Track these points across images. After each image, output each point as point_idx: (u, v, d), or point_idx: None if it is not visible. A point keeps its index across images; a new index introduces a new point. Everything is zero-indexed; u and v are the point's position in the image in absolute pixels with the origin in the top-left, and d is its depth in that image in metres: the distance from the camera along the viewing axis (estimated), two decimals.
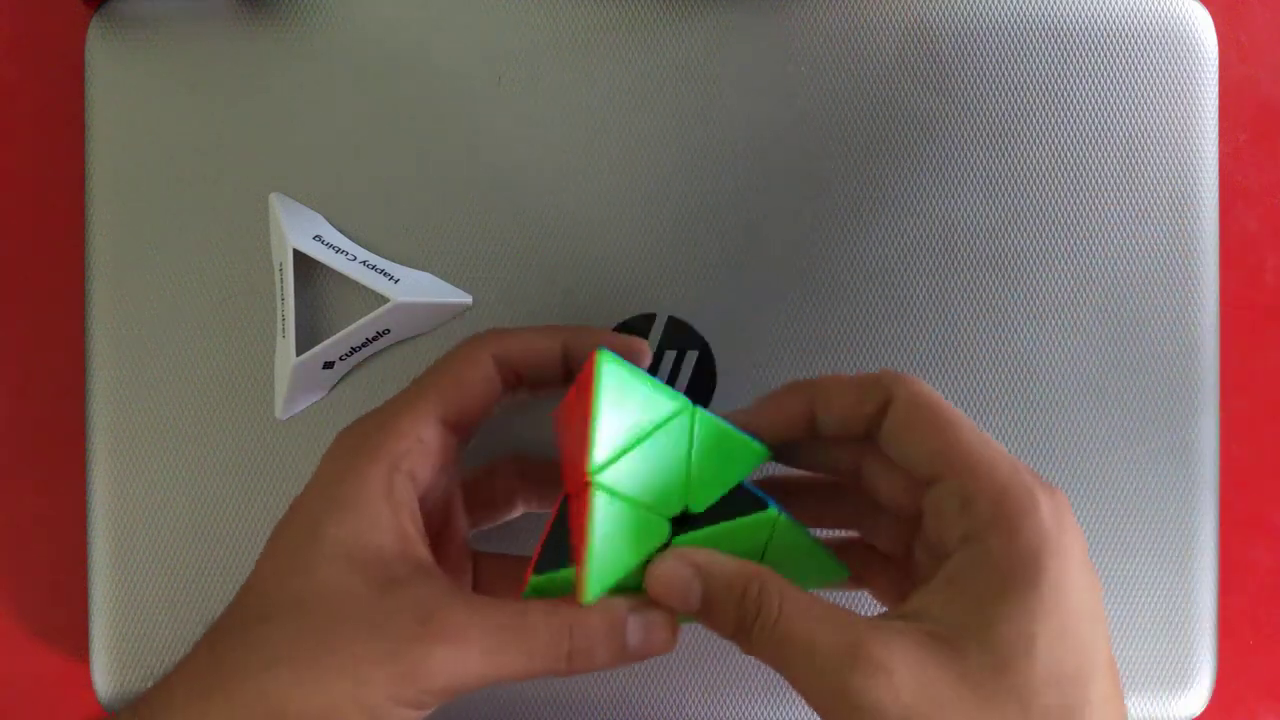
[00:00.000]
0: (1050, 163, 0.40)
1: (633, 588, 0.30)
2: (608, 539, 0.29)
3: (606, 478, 0.29)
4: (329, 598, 0.28)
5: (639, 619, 0.29)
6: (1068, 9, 0.40)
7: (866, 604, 0.34)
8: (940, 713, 0.25)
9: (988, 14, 0.40)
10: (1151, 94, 0.40)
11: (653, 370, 0.39)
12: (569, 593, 0.30)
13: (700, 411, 0.31)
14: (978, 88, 0.40)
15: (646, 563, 0.30)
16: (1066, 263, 0.40)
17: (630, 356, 0.33)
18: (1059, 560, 0.26)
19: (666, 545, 0.30)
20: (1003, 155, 0.40)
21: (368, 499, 0.29)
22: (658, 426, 0.30)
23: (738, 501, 0.31)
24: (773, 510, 0.31)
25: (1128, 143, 0.40)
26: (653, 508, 0.30)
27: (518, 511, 0.37)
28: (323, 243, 0.39)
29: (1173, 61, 0.40)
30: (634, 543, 0.29)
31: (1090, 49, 0.40)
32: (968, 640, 0.26)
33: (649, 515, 0.30)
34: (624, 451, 0.29)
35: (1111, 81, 0.40)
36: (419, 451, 0.31)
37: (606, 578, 0.29)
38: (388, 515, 0.29)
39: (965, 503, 0.27)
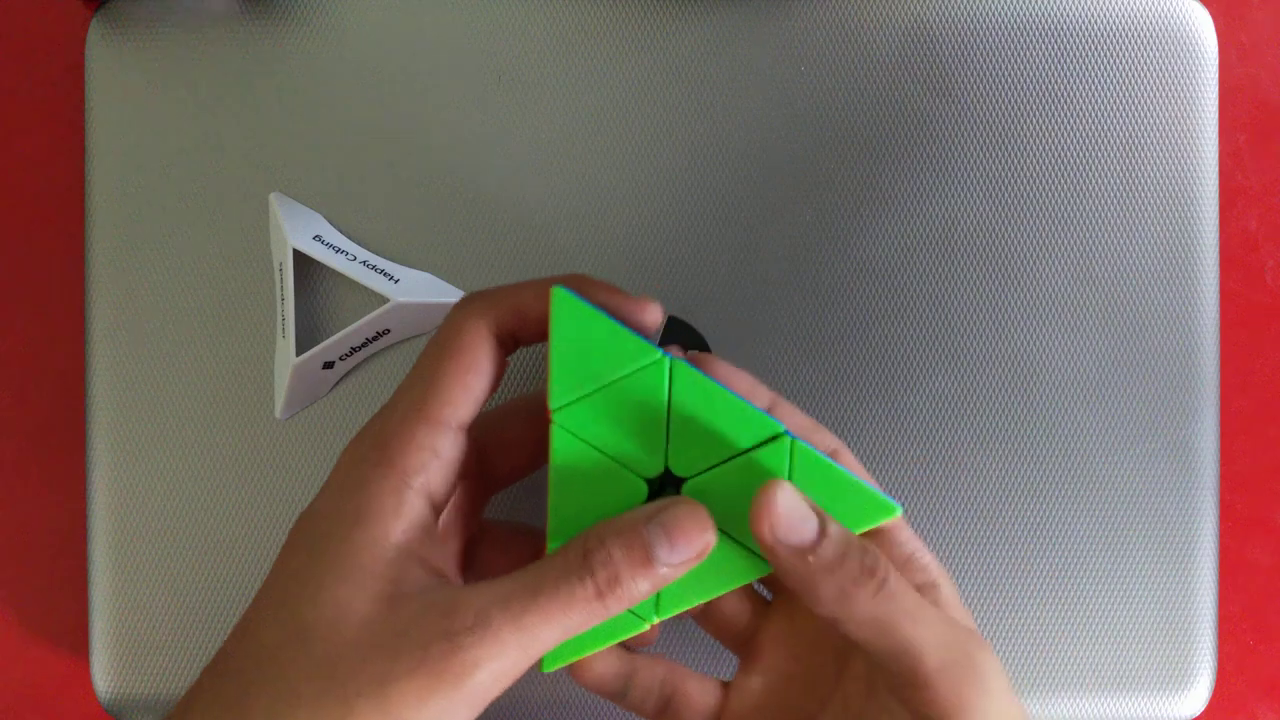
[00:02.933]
0: (1050, 163, 0.40)
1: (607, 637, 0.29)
2: (568, 480, 0.28)
3: (567, 418, 0.28)
4: (339, 623, 0.26)
5: (658, 526, 0.27)
6: (1068, 9, 0.40)
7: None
8: None
9: (988, 14, 0.40)
10: (1151, 94, 0.40)
11: None
12: None
13: (679, 364, 0.28)
14: (978, 88, 0.40)
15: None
16: (1066, 263, 0.40)
17: (639, 316, 0.30)
18: (988, 700, 0.28)
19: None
20: (1003, 155, 0.40)
21: (377, 515, 0.27)
22: (626, 376, 0.28)
23: (744, 429, 0.29)
24: (785, 437, 0.29)
25: (1128, 143, 0.40)
26: (624, 461, 0.29)
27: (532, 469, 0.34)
28: (323, 243, 0.39)
29: (1173, 61, 0.40)
30: (601, 491, 0.28)
31: (1090, 49, 0.40)
32: None
33: (619, 469, 0.29)
34: (587, 395, 0.28)
35: (1111, 81, 0.40)
36: (435, 465, 0.28)
37: (569, 522, 0.28)
38: (397, 531, 0.27)
39: (911, 675, 0.28)
